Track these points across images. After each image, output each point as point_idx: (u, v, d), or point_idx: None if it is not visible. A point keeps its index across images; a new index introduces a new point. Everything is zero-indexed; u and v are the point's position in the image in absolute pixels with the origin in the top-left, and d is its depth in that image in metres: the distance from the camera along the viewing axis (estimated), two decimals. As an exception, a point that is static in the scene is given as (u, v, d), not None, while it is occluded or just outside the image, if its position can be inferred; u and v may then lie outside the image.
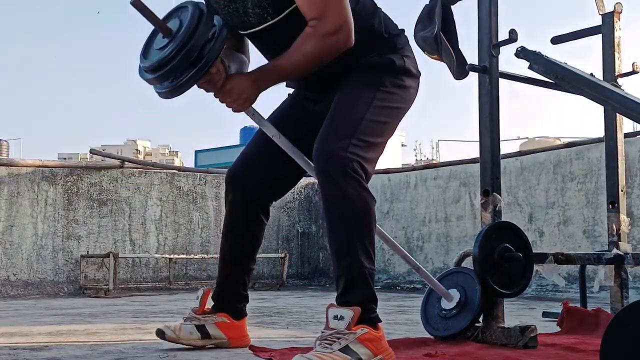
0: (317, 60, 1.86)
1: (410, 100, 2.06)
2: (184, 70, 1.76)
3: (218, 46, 1.78)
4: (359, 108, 1.92)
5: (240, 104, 1.88)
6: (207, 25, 1.76)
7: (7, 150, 24.23)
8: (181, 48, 1.73)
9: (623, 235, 2.68)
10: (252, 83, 1.87)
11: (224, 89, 1.86)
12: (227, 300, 2.22)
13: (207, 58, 1.76)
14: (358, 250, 1.82)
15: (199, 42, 1.74)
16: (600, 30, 2.77)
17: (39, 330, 2.78)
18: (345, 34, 1.84)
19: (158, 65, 1.76)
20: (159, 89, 1.83)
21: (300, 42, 1.84)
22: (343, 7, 1.84)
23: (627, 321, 1.24)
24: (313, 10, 1.83)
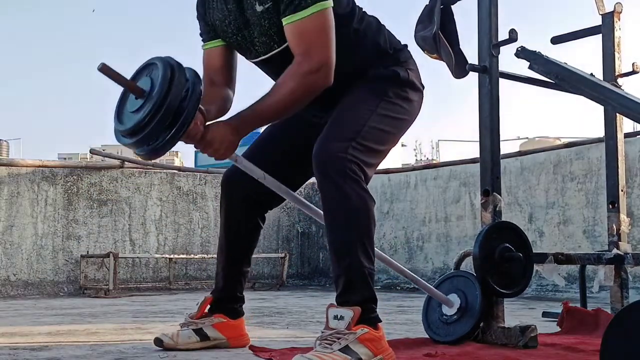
0: (299, 100, 1.86)
1: (413, 113, 2.07)
2: (162, 132, 1.69)
3: (193, 104, 1.71)
4: (361, 114, 1.93)
5: (222, 153, 1.84)
6: (180, 83, 1.68)
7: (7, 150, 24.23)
8: (157, 111, 1.65)
9: (623, 235, 2.68)
10: (232, 131, 1.83)
11: (204, 140, 1.81)
12: (223, 303, 2.22)
13: (184, 118, 1.69)
14: (357, 250, 1.82)
15: (174, 103, 1.66)
16: (600, 30, 2.77)
17: (39, 330, 2.78)
18: (324, 73, 1.84)
19: (135, 130, 1.69)
20: (140, 152, 1.76)
21: (282, 82, 1.84)
22: (328, 46, 1.84)
23: (627, 321, 1.24)
24: (300, 45, 1.84)
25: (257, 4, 1.90)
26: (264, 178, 1.98)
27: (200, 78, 1.77)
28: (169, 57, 1.74)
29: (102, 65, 1.68)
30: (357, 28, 2.00)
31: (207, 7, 2.06)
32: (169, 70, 1.67)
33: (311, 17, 1.82)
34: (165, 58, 1.73)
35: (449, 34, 2.42)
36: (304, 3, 1.82)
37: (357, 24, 2.00)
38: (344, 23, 1.96)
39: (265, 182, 1.99)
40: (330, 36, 1.85)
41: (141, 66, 1.78)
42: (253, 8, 1.92)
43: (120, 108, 1.78)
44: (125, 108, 1.76)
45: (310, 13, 1.82)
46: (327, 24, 1.85)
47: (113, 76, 1.71)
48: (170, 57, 1.74)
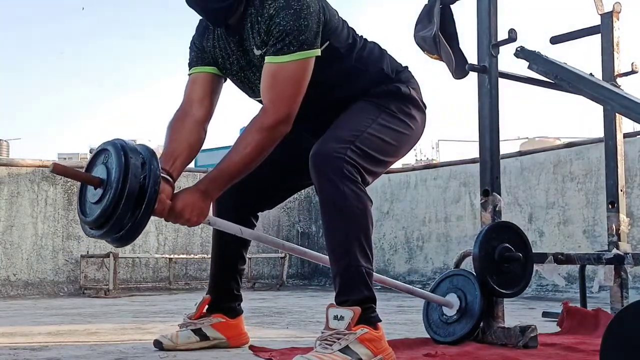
0: (261, 153, 1.85)
1: (416, 131, 2.07)
2: (128, 219, 1.65)
3: (154, 184, 1.67)
4: (362, 122, 1.94)
5: (194, 221, 1.83)
6: (136, 165, 1.65)
7: (7, 150, 24.23)
8: (119, 198, 1.62)
9: (623, 235, 2.68)
10: (201, 196, 1.82)
11: (174, 212, 1.79)
12: (221, 302, 2.22)
13: (148, 200, 1.65)
14: (355, 249, 1.82)
15: (134, 185, 1.63)
16: (599, 30, 2.77)
17: (39, 330, 2.78)
18: (287, 123, 1.85)
19: (101, 220, 1.66)
20: (111, 240, 1.73)
21: (245, 137, 1.84)
22: (295, 99, 1.84)
23: (627, 321, 1.24)
24: (270, 92, 1.84)
25: (255, 48, 1.91)
26: (241, 232, 1.98)
27: (156, 156, 1.73)
28: (120, 141, 1.70)
29: (54, 165, 1.66)
30: (359, 57, 2.00)
31: (206, 44, 2.03)
32: (123, 155, 1.65)
33: (290, 64, 1.82)
34: (117, 142, 1.69)
35: (448, 34, 2.42)
36: (287, 49, 1.81)
37: (359, 52, 2.00)
38: (346, 55, 1.97)
39: (243, 235, 2.00)
40: (302, 88, 1.85)
41: (93, 154, 1.75)
42: (252, 52, 1.92)
43: (81, 202, 1.75)
44: (87, 199, 1.73)
45: (290, 60, 1.81)
46: (302, 75, 1.84)
47: (67, 173, 1.69)
48: (121, 140, 1.71)
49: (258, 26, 1.88)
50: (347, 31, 2.00)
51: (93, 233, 1.72)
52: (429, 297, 2.36)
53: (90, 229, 1.72)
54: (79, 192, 1.77)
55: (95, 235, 1.71)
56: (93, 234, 1.72)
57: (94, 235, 1.72)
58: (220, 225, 1.97)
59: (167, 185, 1.80)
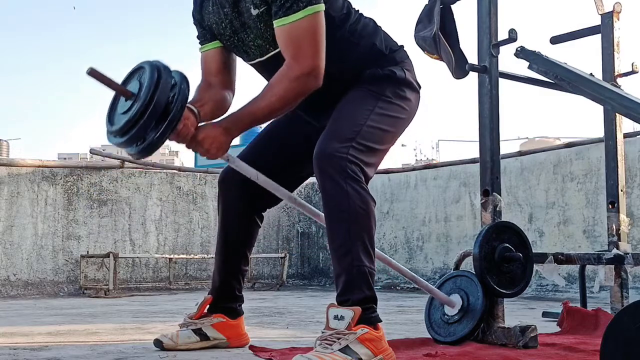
0: (287, 103, 1.89)
1: (411, 112, 2.08)
2: (152, 129, 1.75)
3: (181, 103, 1.77)
4: (361, 114, 1.95)
5: (213, 153, 1.88)
6: (167, 83, 1.75)
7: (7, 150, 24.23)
8: (145, 108, 1.72)
9: (623, 235, 2.68)
10: (223, 132, 1.87)
11: (195, 140, 1.86)
12: (221, 302, 2.22)
13: (172, 115, 1.75)
14: (358, 249, 1.83)
15: (162, 100, 1.73)
16: (600, 30, 2.77)
17: (39, 330, 2.78)
18: (314, 76, 1.87)
19: (125, 128, 1.75)
20: (131, 151, 1.82)
21: (272, 84, 1.88)
22: (317, 51, 1.86)
23: (627, 321, 1.24)
24: (289, 49, 1.87)
25: (252, 7, 1.92)
26: (257, 178, 2.00)
27: (187, 80, 1.81)
28: (157, 61, 1.79)
29: (91, 69, 1.73)
30: (352, 30, 2.01)
31: (203, 12, 2.08)
32: (156, 73, 1.74)
33: (302, 20, 1.84)
34: (153, 62, 1.78)
35: (448, 34, 2.42)
36: (296, 6, 1.83)
37: (353, 25, 2.01)
38: (339, 25, 1.98)
39: (259, 182, 2.01)
40: (320, 40, 1.87)
41: (131, 71, 1.84)
42: (249, 12, 1.93)
43: (111, 110, 1.84)
44: (116, 110, 1.82)
45: (301, 17, 1.84)
46: (317, 28, 1.86)
47: (102, 80, 1.76)
48: (158, 61, 1.79)
49: None
50: (343, 2, 2.01)
51: (115, 140, 1.81)
52: (433, 291, 2.35)
53: (114, 137, 1.81)
54: (110, 104, 1.85)
55: (118, 142, 1.80)
56: (115, 141, 1.81)
57: (117, 143, 1.81)
58: (239, 166, 2.01)
59: (192, 115, 1.87)
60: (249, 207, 2.19)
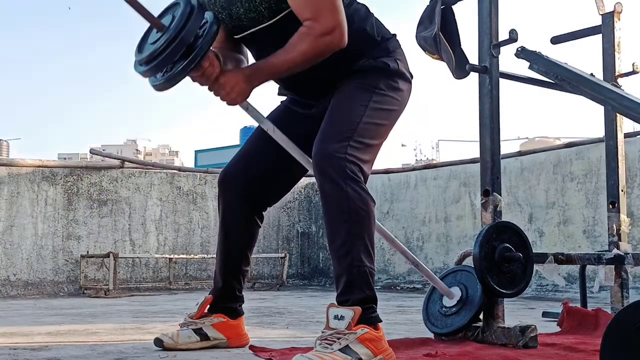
0: (311, 59, 1.89)
1: (404, 103, 2.09)
2: (177, 61, 1.81)
3: (208, 39, 1.82)
4: (356, 110, 1.95)
5: (233, 97, 1.90)
6: (197, 20, 1.80)
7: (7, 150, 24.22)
8: (173, 40, 1.77)
9: (623, 235, 2.68)
10: (245, 78, 1.89)
11: (217, 82, 1.88)
12: (222, 302, 2.22)
13: (199, 49, 1.80)
14: (359, 249, 1.83)
15: (189, 34, 1.79)
16: (600, 30, 2.77)
17: (39, 330, 2.78)
18: (339, 34, 1.87)
19: (151, 56, 1.80)
20: (154, 82, 1.87)
21: (295, 41, 1.87)
22: (336, 8, 1.87)
23: (627, 321, 1.24)
24: (307, 11, 1.86)
25: None
26: (273, 131, 2.03)
27: (219, 21, 1.86)
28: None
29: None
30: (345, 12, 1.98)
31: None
32: (189, 8, 1.80)
33: None
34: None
35: (449, 34, 2.42)
36: None
37: (345, 9, 1.97)
38: None
39: (275, 136, 2.03)
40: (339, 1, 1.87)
41: (167, 6, 1.89)
42: None
43: (142, 41, 1.90)
44: (147, 41, 1.88)
45: None
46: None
47: (138, 8, 1.81)
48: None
49: None
50: None
51: (140, 69, 1.85)
52: (434, 279, 2.35)
53: (140, 65, 1.85)
54: (143, 35, 1.91)
55: (141, 70, 1.85)
56: (140, 69, 1.86)
57: (140, 71, 1.85)
58: (256, 116, 2.04)
59: (216, 60, 1.89)
60: (249, 207, 2.19)
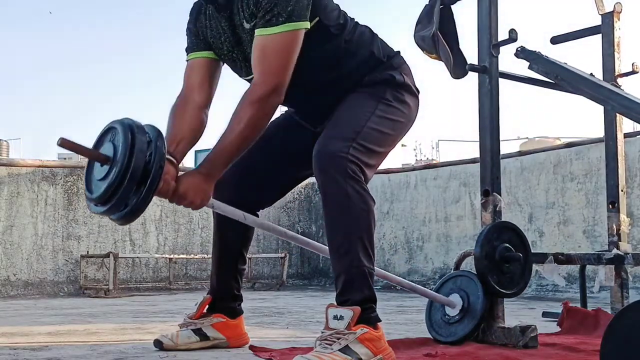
0: (257, 128, 1.84)
1: (410, 117, 2.08)
2: (132, 196, 1.68)
3: (159, 163, 1.69)
4: (361, 116, 1.95)
5: (198, 203, 1.85)
6: (142, 145, 1.67)
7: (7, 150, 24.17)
8: (123, 176, 1.64)
9: (623, 235, 2.68)
10: (204, 179, 1.83)
11: (177, 194, 1.80)
12: (221, 302, 2.22)
13: (152, 177, 1.68)
14: (358, 249, 1.83)
15: (139, 165, 1.65)
16: (600, 30, 2.77)
17: (39, 330, 2.78)
18: (277, 94, 1.84)
19: (105, 196, 1.67)
20: (115, 217, 1.75)
21: (237, 113, 1.83)
22: (284, 69, 1.83)
23: (627, 321, 1.24)
24: (259, 64, 1.84)
25: (244, 22, 1.92)
26: (244, 218, 1.99)
27: (162, 135, 1.74)
28: (128, 120, 1.71)
29: (61, 140, 1.65)
30: (349, 39, 2.00)
31: (199, 26, 2.05)
32: (130, 134, 1.66)
33: (279, 35, 1.82)
34: (125, 121, 1.70)
35: (448, 34, 2.42)
36: (275, 20, 1.81)
37: (349, 34, 2.01)
38: (336, 34, 1.98)
39: (246, 222, 2.01)
40: (290, 58, 1.84)
41: (102, 132, 1.76)
42: (242, 26, 1.93)
43: (88, 176, 1.77)
44: (93, 176, 1.74)
45: (279, 32, 1.82)
46: (291, 47, 1.84)
47: (74, 148, 1.69)
48: (129, 119, 1.72)
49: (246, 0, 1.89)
50: (338, 11, 2.01)
51: (98, 209, 1.73)
52: (432, 296, 2.36)
53: (95, 206, 1.73)
54: (86, 169, 1.79)
55: (100, 211, 1.73)
56: (98, 210, 1.73)
57: (99, 212, 1.74)
58: (224, 210, 1.98)
59: (171, 167, 1.81)
60: (244, 207, 2.19)
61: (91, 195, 1.73)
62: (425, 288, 2.38)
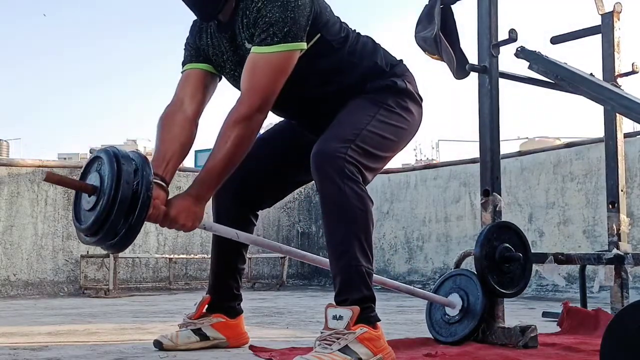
0: (243, 145, 1.84)
1: (413, 124, 2.08)
2: (122, 226, 1.67)
3: (146, 191, 1.68)
4: (361, 119, 1.95)
5: (189, 226, 1.85)
6: (129, 172, 1.67)
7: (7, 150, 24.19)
8: (112, 204, 1.64)
9: (623, 235, 2.68)
10: (194, 201, 1.83)
11: (168, 218, 1.81)
12: (221, 302, 2.22)
13: (141, 205, 1.68)
14: (356, 249, 1.82)
15: (127, 192, 1.65)
16: (600, 30, 2.77)
17: (39, 330, 2.78)
18: (260, 113, 1.84)
19: (95, 227, 1.67)
20: (106, 247, 1.73)
21: (223, 132, 1.82)
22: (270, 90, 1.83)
23: (627, 321, 1.24)
24: (248, 80, 1.84)
25: (246, 42, 1.92)
26: (237, 237, 1.99)
27: (148, 162, 1.74)
28: (113, 149, 1.71)
29: (47, 174, 1.66)
30: (352, 50, 2.01)
31: (201, 43, 2.04)
32: (115, 163, 1.66)
33: (271, 55, 1.82)
34: (109, 150, 1.70)
35: (449, 34, 2.42)
36: (271, 40, 1.81)
37: (352, 46, 2.01)
38: (339, 48, 1.98)
39: (240, 239, 2.00)
40: (279, 80, 1.84)
41: (87, 162, 1.76)
42: (244, 46, 1.92)
43: (76, 206, 1.76)
44: (81, 206, 1.74)
45: (271, 51, 1.82)
46: (281, 67, 1.83)
47: (60, 182, 1.71)
48: (114, 148, 1.72)
49: (247, 20, 1.89)
50: (340, 25, 2.01)
51: (88, 240, 1.73)
52: (430, 298, 2.36)
53: (85, 236, 1.73)
54: (74, 200, 1.78)
55: (90, 242, 1.72)
56: (88, 240, 1.73)
57: (89, 242, 1.73)
58: (217, 230, 1.98)
59: (161, 191, 1.80)
60: (243, 207, 2.19)
61: (80, 226, 1.72)
62: (424, 290, 2.37)
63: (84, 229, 1.71)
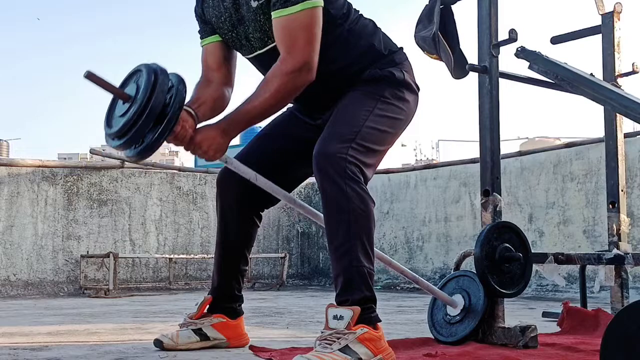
0: (285, 98, 1.91)
1: (409, 114, 2.09)
2: (149, 131, 1.76)
3: (177, 105, 1.78)
4: (360, 115, 1.95)
5: (211, 154, 1.89)
6: (163, 86, 1.76)
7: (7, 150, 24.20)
8: (141, 112, 1.72)
9: (623, 235, 2.68)
10: (221, 133, 1.88)
11: (192, 142, 1.87)
12: (221, 302, 2.22)
13: (170, 117, 1.76)
14: (357, 249, 1.83)
15: (158, 103, 1.74)
16: (600, 30, 2.77)
17: (39, 330, 2.78)
18: (307, 70, 1.88)
19: (122, 131, 1.76)
20: (129, 154, 1.84)
21: (266, 81, 1.88)
22: (312, 45, 1.88)
23: (627, 321, 1.24)
24: (285, 43, 1.88)
25: (251, 0, 1.93)
26: (256, 179, 2.00)
27: (184, 82, 1.82)
28: (154, 64, 1.79)
29: (88, 72, 1.73)
30: (351, 29, 2.02)
31: (204, 6, 2.10)
32: (153, 76, 1.75)
33: (299, 13, 1.85)
34: (151, 65, 1.79)
35: (448, 34, 2.42)
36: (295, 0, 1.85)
37: (352, 24, 2.02)
38: (339, 23, 1.99)
39: (258, 183, 2.01)
40: (316, 35, 1.88)
41: (129, 73, 1.84)
42: (248, 4, 1.95)
43: (109, 113, 1.85)
44: (114, 113, 1.83)
45: (299, 10, 1.85)
46: (313, 23, 1.87)
47: (99, 83, 1.77)
48: (155, 64, 1.80)
49: None
50: (344, 1, 2.03)
51: (115, 143, 1.81)
52: (434, 291, 2.35)
53: (112, 140, 1.81)
54: (108, 107, 1.86)
55: (116, 145, 1.80)
56: (114, 144, 1.81)
57: (115, 146, 1.81)
58: (236, 167, 2.01)
59: (190, 118, 1.89)
60: (247, 207, 2.19)
61: (109, 130, 1.81)
62: (430, 284, 2.37)
63: (113, 132, 1.79)
